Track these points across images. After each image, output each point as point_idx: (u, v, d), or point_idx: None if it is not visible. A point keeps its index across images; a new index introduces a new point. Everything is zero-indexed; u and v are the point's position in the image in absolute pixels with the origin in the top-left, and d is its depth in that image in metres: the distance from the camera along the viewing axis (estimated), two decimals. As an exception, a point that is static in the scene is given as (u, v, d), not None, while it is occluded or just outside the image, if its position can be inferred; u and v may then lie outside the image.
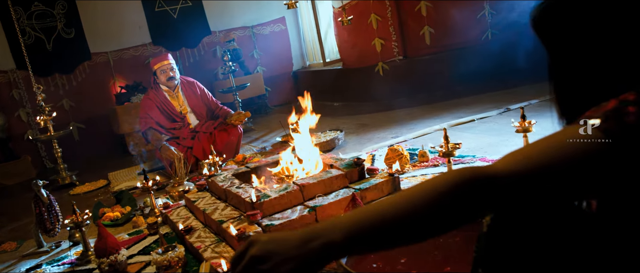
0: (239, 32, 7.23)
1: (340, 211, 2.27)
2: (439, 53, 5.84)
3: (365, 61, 6.04)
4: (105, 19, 6.26)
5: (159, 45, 6.68)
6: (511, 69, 5.34)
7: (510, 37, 5.63)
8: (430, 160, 3.15)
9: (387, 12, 5.80)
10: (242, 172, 2.84)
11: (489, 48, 5.72)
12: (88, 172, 5.09)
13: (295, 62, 7.82)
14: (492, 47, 5.71)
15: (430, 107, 5.04)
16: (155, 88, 4.35)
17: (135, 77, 6.29)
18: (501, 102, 4.54)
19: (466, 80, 5.69)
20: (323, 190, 2.36)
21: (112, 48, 6.36)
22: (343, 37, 6.27)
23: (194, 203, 2.65)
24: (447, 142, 2.37)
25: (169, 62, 4.28)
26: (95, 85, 6.23)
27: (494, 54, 5.62)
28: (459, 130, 3.85)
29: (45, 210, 2.83)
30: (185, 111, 4.43)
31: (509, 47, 5.55)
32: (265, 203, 2.20)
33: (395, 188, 2.45)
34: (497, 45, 5.71)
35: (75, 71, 6.14)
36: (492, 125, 3.82)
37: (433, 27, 5.80)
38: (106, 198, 3.88)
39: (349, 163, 2.53)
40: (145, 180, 2.98)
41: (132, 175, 4.59)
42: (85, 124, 6.11)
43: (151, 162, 4.79)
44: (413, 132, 4.05)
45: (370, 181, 2.43)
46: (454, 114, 4.46)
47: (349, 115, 5.64)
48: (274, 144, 4.76)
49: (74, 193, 4.24)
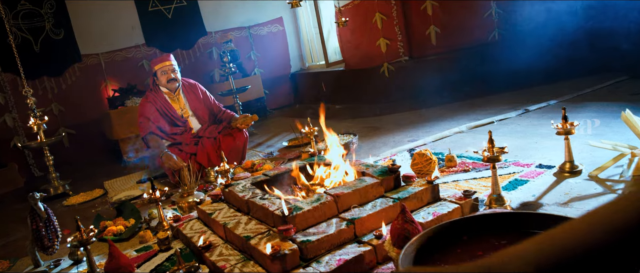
0: (236, 32, 6.98)
1: (380, 223, 2.06)
2: (445, 53, 5.70)
3: (369, 62, 5.86)
4: (96, 19, 5.96)
5: (153, 47, 6.40)
6: (519, 69, 5.22)
7: (518, 37, 5.52)
8: (458, 165, 2.96)
9: (392, 11, 5.63)
10: (260, 180, 2.60)
11: (496, 48, 5.60)
12: (81, 180, 4.79)
13: (293, 64, 7.60)
14: (500, 47, 5.59)
15: (441, 109, 4.87)
16: (155, 90, 4.08)
17: (129, 79, 6.00)
18: (514, 103, 4.39)
19: (474, 81, 5.56)
20: (358, 201, 2.14)
21: (104, 49, 6.06)
22: (346, 38, 6.08)
23: (210, 216, 2.40)
24: (492, 145, 2.17)
25: (171, 63, 4.02)
26: (86, 88, 5.92)
27: (502, 54, 5.50)
28: (479, 133, 3.67)
29: (43, 225, 2.56)
30: (186, 115, 4.17)
31: (517, 47, 5.43)
32: (297, 217, 1.98)
33: (434, 196, 2.25)
34: (504, 45, 5.59)
35: (65, 74, 5.82)
36: (513, 126, 3.66)
37: (439, 27, 5.65)
38: (105, 210, 3.60)
39: (383, 171, 2.32)
40: (152, 189, 2.72)
41: (130, 183, 4.31)
42: (75, 129, 5.79)
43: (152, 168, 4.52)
44: (430, 135, 3.86)
45: (408, 189, 2.22)
46: (468, 116, 4.29)
47: (355, 117, 5.44)
48: (281, 149, 4.52)
49: (68, 204, 3.94)
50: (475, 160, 3.02)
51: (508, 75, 5.34)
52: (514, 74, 5.30)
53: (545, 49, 5.09)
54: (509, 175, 2.63)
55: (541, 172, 2.59)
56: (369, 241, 1.93)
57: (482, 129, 3.78)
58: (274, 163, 3.76)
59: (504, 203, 2.19)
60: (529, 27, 5.46)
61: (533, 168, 2.68)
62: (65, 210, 3.86)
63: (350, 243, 1.94)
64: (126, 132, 5.39)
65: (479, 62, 5.62)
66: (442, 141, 3.66)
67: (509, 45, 5.54)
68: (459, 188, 2.60)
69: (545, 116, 3.74)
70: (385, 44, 5.69)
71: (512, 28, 5.61)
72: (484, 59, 5.60)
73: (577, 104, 3.96)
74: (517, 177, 2.58)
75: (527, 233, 1.54)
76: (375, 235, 1.95)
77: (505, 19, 5.60)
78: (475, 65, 5.62)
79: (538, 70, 5.08)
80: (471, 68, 5.61)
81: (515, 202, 2.26)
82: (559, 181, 2.42)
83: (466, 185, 2.63)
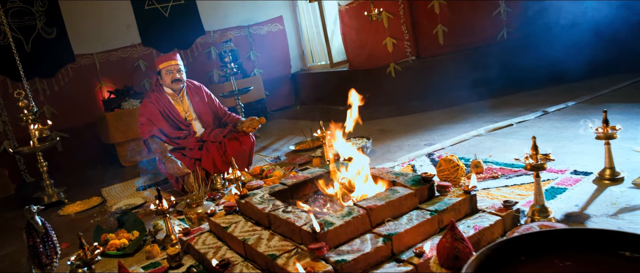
0: (235, 32, 6.77)
1: (417, 239, 1.87)
2: (453, 53, 5.54)
3: (375, 62, 5.68)
4: (90, 17, 5.71)
5: (149, 47, 6.16)
6: (529, 69, 5.08)
7: (527, 36, 5.38)
8: (485, 171, 2.79)
9: (399, 10, 5.45)
10: (279, 190, 2.41)
11: (505, 47, 5.46)
12: (76, 187, 4.54)
13: (294, 64, 7.40)
14: (508, 46, 5.45)
15: (452, 111, 4.71)
16: (158, 90, 3.86)
17: (124, 80, 5.75)
18: (529, 104, 4.25)
19: (483, 82, 5.41)
20: (392, 214, 1.96)
21: (98, 49, 5.81)
22: (351, 37, 5.89)
23: (226, 230, 2.20)
24: (536, 152, 2.00)
25: (177, 62, 3.81)
26: (79, 90, 5.66)
27: (511, 53, 5.36)
28: (499, 136, 3.51)
29: (40, 241, 2.34)
30: (190, 118, 3.95)
31: (526, 47, 5.30)
32: (329, 233, 1.79)
33: (472, 208, 2.07)
34: (513, 44, 5.45)
35: (57, 75, 5.56)
36: (534, 130, 3.50)
37: (446, 26, 5.49)
38: (104, 220, 3.37)
39: (415, 180, 2.14)
40: (159, 200, 2.51)
41: (129, 190, 4.08)
42: (69, 132, 5.53)
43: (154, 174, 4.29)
44: (447, 139, 3.69)
45: (444, 201, 2.04)
46: (483, 118, 4.13)
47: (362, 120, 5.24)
48: (288, 153, 4.33)
49: (64, 214, 3.70)
50: (503, 165, 2.85)
51: (518, 75, 5.20)
52: (524, 73, 5.16)
53: (555, 49, 4.95)
54: (544, 182, 2.47)
55: (578, 179, 2.43)
56: (408, 259, 1.75)
57: (501, 132, 3.61)
58: (284, 169, 3.56)
59: (548, 214, 2.02)
60: (538, 26, 5.32)
61: (568, 175, 2.51)
62: (61, 220, 3.62)
63: (388, 262, 1.76)
64: (123, 135, 5.15)
65: (487, 61, 5.47)
66: (460, 145, 3.49)
67: (518, 44, 5.40)
68: (492, 196, 2.43)
69: (567, 118, 3.59)
70: (392, 43, 5.51)
71: (521, 27, 5.47)
72: (493, 58, 5.45)
73: (596, 105, 3.83)
74: (554, 184, 2.41)
75: (590, 254, 1.38)
76: (415, 252, 1.77)
77: (514, 17, 5.46)
78: (484, 65, 5.46)
79: (548, 70, 4.94)
80: (480, 68, 5.46)
81: (558, 213, 2.09)
82: (601, 189, 2.26)
83: (498, 193, 2.46)
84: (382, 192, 2.06)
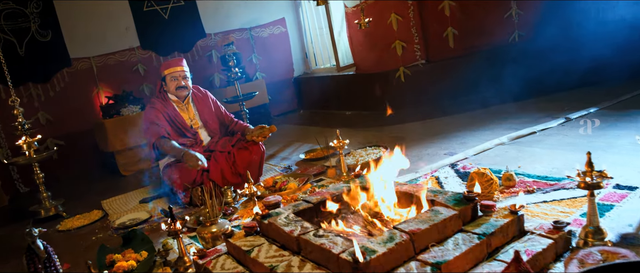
0: (236, 34, 6.56)
1: (465, 266, 1.70)
2: (463, 56, 5.38)
3: (383, 66, 5.51)
4: (87, 19, 5.48)
5: (148, 50, 5.94)
6: (541, 74, 4.94)
7: (539, 39, 5.24)
8: (517, 185, 2.62)
9: (409, 12, 5.29)
10: (303, 208, 2.22)
11: (516, 51, 5.31)
12: (75, 199, 4.32)
13: (296, 68, 7.21)
14: (520, 49, 5.31)
15: (467, 117, 4.55)
16: (162, 97, 3.66)
17: (123, 85, 5.53)
18: (547, 111, 4.10)
19: (495, 86, 5.26)
20: (436, 238, 1.78)
21: (95, 53, 5.58)
22: (358, 40, 5.72)
23: (248, 255, 2.01)
24: (591, 168, 1.83)
25: (183, 68, 3.61)
26: (76, 95, 5.43)
27: (522, 57, 5.22)
28: (523, 145, 3.35)
29: (42, 267, 2.13)
30: (196, 126, 3.75)
31: (539, 50, 5.16)
32: (372, 262, 1.61)
33: (520, 229, 1.90)
34: (525, 47, 5.31)
35: (53, 79, 5.33)
36: (560, 138, 3.34)
37: (457, 29, 5.34)
38: (107, 237, 3.16)
39: (457, 199, 1.96)
40: (170, 219, 2.31)
41: (131, 203, 3.86)
42: (65, 140, 5.29)
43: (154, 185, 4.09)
44: (467, 147, 3.52)
45: (490, 222, 1.86)
46: (501, 125, 3.97)
47: (371, 126, 5.08)
48: (298, 162, 4.13)
49: (63, 229, 3.47)
50: (535, 178, 2.68)
51: (531, 79, 5.04)
52: (537, 78, 5.01)
53: (568, 52, 4.82)
54: (585, 197, 2.30)
55: (624, 194, 2.27)
56: (462, 292, 1.57)
57: (525, 140, 3.45)
58: (298, 180, 3.37)
59: (603, 236, 1.85)
60: (551, 29, 5.19)
61: (611, 189, 2.35)
62: (61, 236, 3.40)
63: (438, 295, 1.58)
64: (123, 143, 4.92)
65: (498, 65, 5.32)
66: (484, 154, 3.32)
67: (530, 47, 5.25)
68: (532, 214, 2.26)
69: (593, 125, 3.44)
70: (401, 46, 5.34)
71: (532, 30, 5.32)
72: (504, 62, 5.30)
73: (620, 111, 3.68)
74: (598, 200, 2.25)
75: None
76: (468, 284, 1.59)
77: (526, 20, 5.32)
78: (495, 69, 5.31)
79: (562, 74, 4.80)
80: (491, 72, 5.31)
81: (612, 234, 1.92)
82: (652, 206, 2.10)
83: (538, 210, 2.29)
84: (423, 213, 1.88)
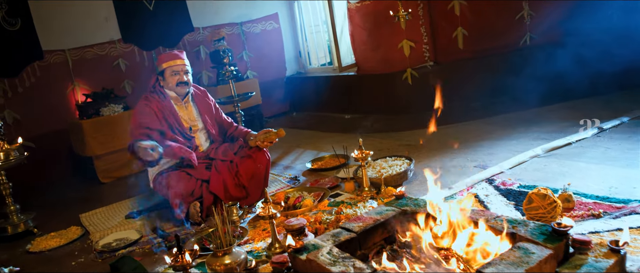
0: (227, 29, 6.08)
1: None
2: (472, 59, 5.08)
3: (388, 67, 5.15)
4: (62, 7, 4.90)
5: (131, 43, 5.40)
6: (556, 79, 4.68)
7: (552, 42, 4.99)
8: (576, 206, 2.29)
9: (418, 9, 4.94)
10: (345, 239, 1.82)
11: (527, 54, 5.05)
12: (47, 211, 3.78)
13: (289, 67, 6.78)
14: (532, 53, 5.04)
15: (483, 123, 4.25)
16: (158, 93, 3.18)
17: (102, 82, 4.97)
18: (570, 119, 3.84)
19: (507, 91, 4.98)
20: (533, 286, 1.41)
21: (71, 45, 5.00)
22: (361, 39, 5.34)
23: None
24: None
25: (184, 61, 3.16)
26: (48, 92, 4.84)
27: (534, 60, 4.96)
28: (563, 158, 3.04)
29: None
30: (195, 128, 3.29)
31: (551, 54, 4.89)
32: (468, 327, 1.22)
33: (622, 270, 1.55)
34: (537, 51, 5.04)
35: (22, 74, 4.73)
36: (601, 150, 3.05)
37: (467, 29, 5.03)
38: (89, 262, 2.67)
39: (544, 232, 1.60)
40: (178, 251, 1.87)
41: (115, 217, 3.36)
42: (35, 141, 4.71)
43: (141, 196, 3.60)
44: (496, 157, 3.20)
45: (590, 263, 1.51)
46: (527, 134, 3.68)
47: (376, 132, 4.70)
48: (305, 172, 3.72)
49: (35, 251, 2.95)
50: (594, 198, 2.36)
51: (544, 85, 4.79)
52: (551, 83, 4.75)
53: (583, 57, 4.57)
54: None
55: None
56: None
57: (562, 153, 3.14)
58: (313, 196, 2.96)
59: None
60: (563, 32, 4.94)
61: (692, 214, 2.04)
62: (32, 259, 2.88)
63: None
64: (103, 147, 4.39)
65: (510, 69, 5.05)
66: (520, 168, 3.00)
67: (542, 51, 4.99)
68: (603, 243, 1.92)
69: (634, 137, 3.16)
70: (409, 46, 5.00)
71: (544, 32, 5.06)
72: (516, 66, 5.03)
73: (653, 121, 3.43)
74: (685, 229, 1.93)
75: None
76: None
77: (538, 22, 5.05)
78: (507, 72, 5.04)
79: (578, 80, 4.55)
80: (502, 76, 5.03)
81: None
82: None
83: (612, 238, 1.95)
84: (509, 253, 1.51)
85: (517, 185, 2.69)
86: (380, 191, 2.89)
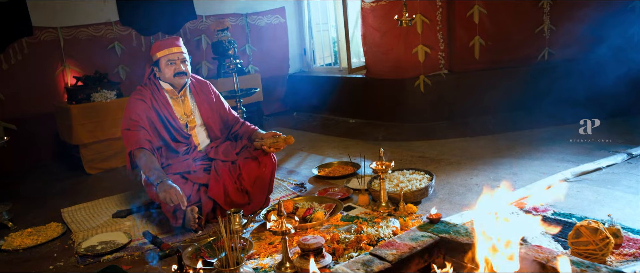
0: (231, 19, 5.77)
1: None
2: (488, 70, 4.86)
3: (401, 72, 4.90)
4: (57, -19, 4.57)
5: (128, 26, 5.07)
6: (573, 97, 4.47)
7: (571, 59, 4.79)
8: (624, 242, 2.06)
9: (436, 14, 4.70)
10: (379, 270, 1.55)
11: (545, 69, 4.84)
12: (25, 203, 3.44)
13: (292, 64, 6.49)
14: (550, 68, 4.84)
15: (500, 138, 4.02)
16: (152, 85, 2.88)
17: (96, 65, 4.63)
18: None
19: (523, 107, 4.78)
20: None
21: (64, 23, 4.66)
22: (373, 40, 5.07)
23: None
24: None
25: (180, 49, 2.85)
26: (36, 71, 4.50)
27: (552, 76, 4.76)
28: (595, 184, 2.81)
29: None
30: (192, 125, 2.99)
31: (569, 71, 4.70)
32: None
33: None
34: (555, 67, 4.84)
35: (8, 49, 4.38)
36: (637, 178, 2.83)
37: (484, 39, 4.80)
38: (70, 267, 2.36)
39: None
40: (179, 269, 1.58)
41: (102, 215, 3.05)
42: (16, 123, 4.36)
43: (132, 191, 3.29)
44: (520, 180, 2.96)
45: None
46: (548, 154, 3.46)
47: (385, 141, 4.43)
48: (312, 179, 3.44)
49: (8, 249, 2.62)
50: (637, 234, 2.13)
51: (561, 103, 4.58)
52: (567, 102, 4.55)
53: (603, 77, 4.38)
54: None
55: None
56: None
57: (594, 178, 2.91)
58: (324, 207, 2.68)
59: None
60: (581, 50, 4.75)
61: None
62: (3, 259, 2.55)
63: None
64: (91, 135, 4.06)
65: (526, 83, 4.85)
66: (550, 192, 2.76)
67: (560, 67, 4.80)
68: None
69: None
70: (425, 52, 4.75)
71: (563, 48, 4.86)
72: (531, 80, 4.84)
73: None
74: None
75: None
76: None
77: (558, 37, 4.85)
78: (523, 87, 4.84)
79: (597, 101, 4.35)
80: (518, 90, 4.84)
81: None
82: None
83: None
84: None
85: (551, 212, 2.45)
86: (398, 207, 2.62)
